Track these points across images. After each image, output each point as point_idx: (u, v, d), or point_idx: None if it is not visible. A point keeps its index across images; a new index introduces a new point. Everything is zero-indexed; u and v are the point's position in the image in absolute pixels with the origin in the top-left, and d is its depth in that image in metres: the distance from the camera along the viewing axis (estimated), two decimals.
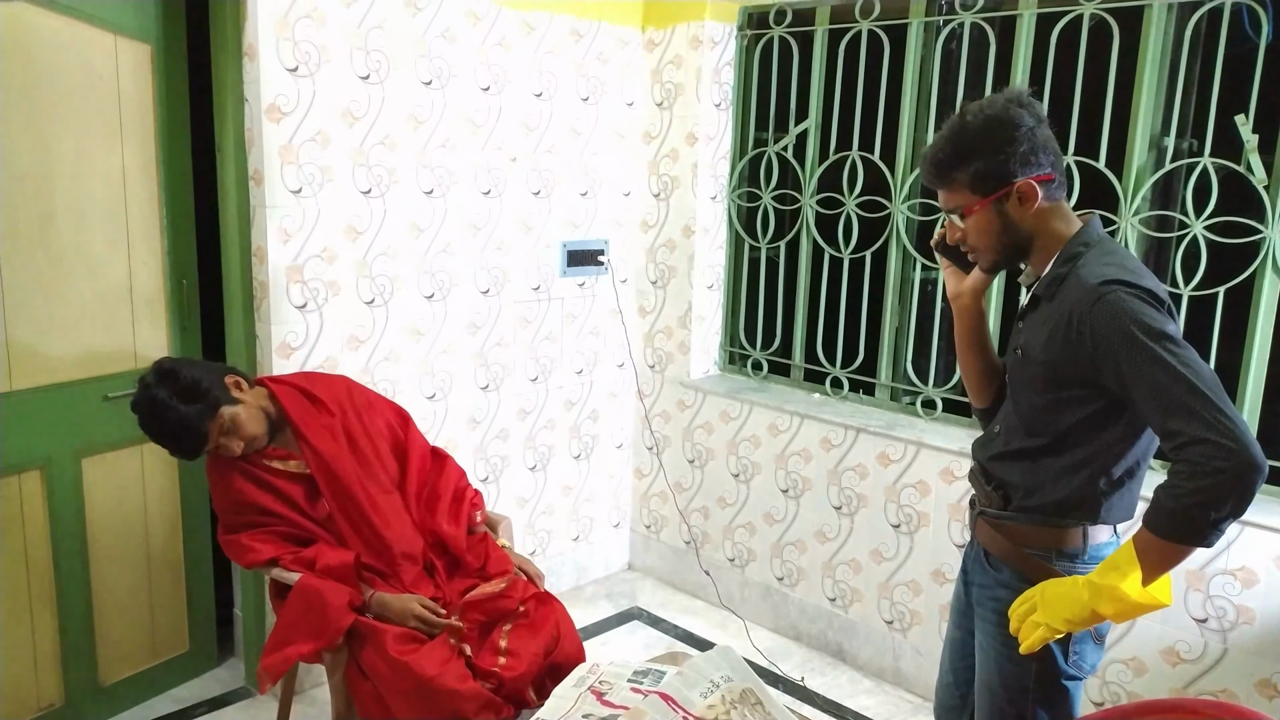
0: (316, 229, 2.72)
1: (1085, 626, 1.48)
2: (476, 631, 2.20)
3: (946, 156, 1.56)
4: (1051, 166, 1.55)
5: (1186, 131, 2.65)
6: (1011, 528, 1.65)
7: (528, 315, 3.34)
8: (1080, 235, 1.57)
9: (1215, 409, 1.34)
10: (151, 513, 2.75)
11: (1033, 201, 1.54)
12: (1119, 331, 1.41)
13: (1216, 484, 1.32)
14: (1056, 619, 1.47)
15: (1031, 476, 1.61)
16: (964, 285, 1.76)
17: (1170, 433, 1.37)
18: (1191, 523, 1.35)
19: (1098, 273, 1.47)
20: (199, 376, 2.13)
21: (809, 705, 2.90)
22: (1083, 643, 1.62)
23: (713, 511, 3.54)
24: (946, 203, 1.62)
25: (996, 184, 1.54)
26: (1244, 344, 2.40)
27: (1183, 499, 1.35)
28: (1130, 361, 1.40)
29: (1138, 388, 1.40)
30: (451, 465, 2.50)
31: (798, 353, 3.40)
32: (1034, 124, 1.53)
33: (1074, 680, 1.65)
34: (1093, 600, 1.44)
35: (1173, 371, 1.36)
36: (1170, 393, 1.36)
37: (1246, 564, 2.30)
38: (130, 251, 2.59)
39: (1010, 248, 1.60)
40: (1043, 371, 1.55)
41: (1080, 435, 1.55)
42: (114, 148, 2.50)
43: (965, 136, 1.54)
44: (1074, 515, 1.58)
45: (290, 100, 2.60)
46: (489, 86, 3.06)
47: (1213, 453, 1.32)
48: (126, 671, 2.74)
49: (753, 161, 3.44)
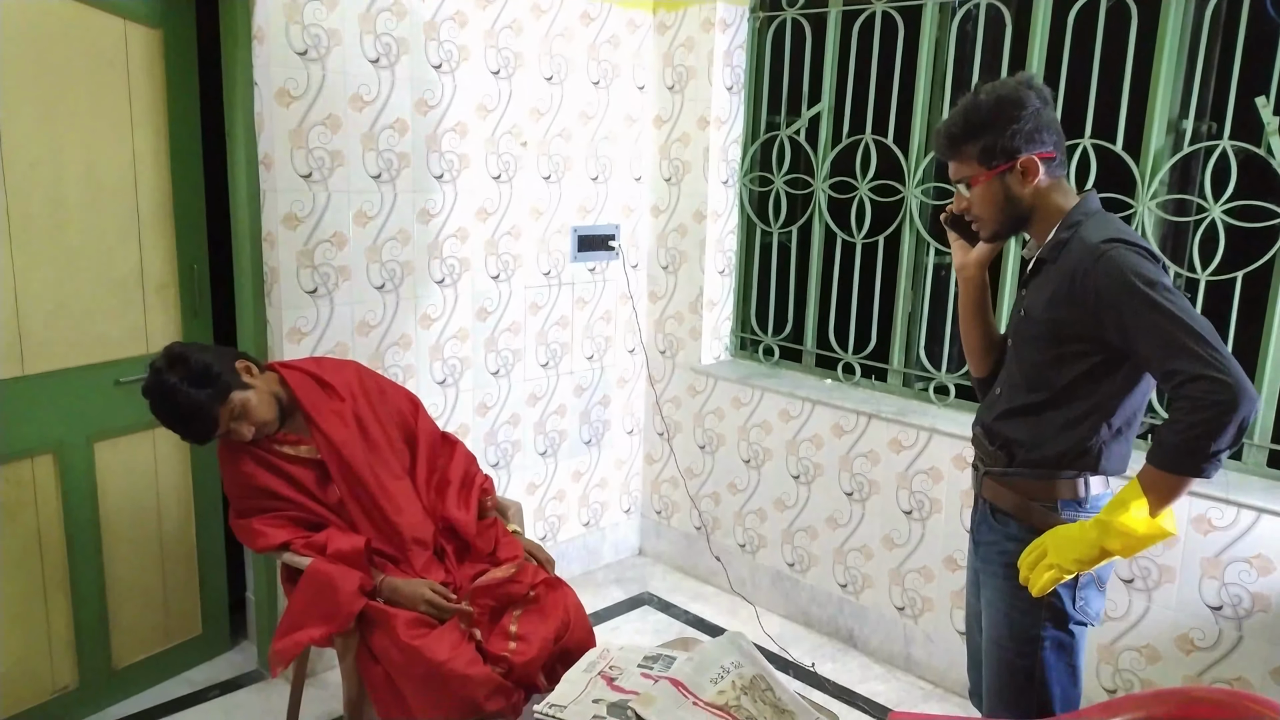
0: (327, 214, 2.71)
1: (1095, 565, 1.58)
2: (487, 616, 2.20)
3: (959, 130, 1.69)
4: (1054, 146, 1.68)
5: (1206, 114, 2.61)
6: (1017, 482, 1.74)
7: (538, 300, 3.33)
8: (1081, 206, 1.70)
9: (1211, 348, 1.46)
10: (164, 497, 2.76)
11: (1034, 176, 1.67)
12: (1121, 283, 1.53)
13: (1216, 416, 1.44)
14: (1067, 559, 1.57)
15: (1035, 431, 1.71)
16: (970, 257, 1.89)
17: (1171, 372, 1.48)
18: (1193, 454, 1.47)
19: (1099, 233, 1.60)
20: (209, 361, 2.13)
21: (819, 691, 2.89)
22: (1087, 588, 1.72)
23: (724, 497, 3.54)
24: (956, 173, 1.74)
25: (1002, 158, 1.67)
26: (1262, 329, 2.37)
27: (1185, 432, 1.47)
28: (1132, 309, 1.52)
29: (1140, 333, 1.52)
30: (461, 450, 2.50)
31: (809, 338, 3.38)
32: (1040, 105, 1.66)
33: (1081, 626, 1.74)
34: (1101, 538, 1.54)
35: (1172, 316, 1.48)
36: (1171, 335, 1.48)
37: (1263, 552, 2.28)
38: (141, 237, 2.59)
39: (1011, 218, 1.73)
40: (1046, 329, 1.67)
41: (1080, 389, 1.66)
42: (124, 134, 2.50)
43: (977, 112, 1.67)
44: (1075, 465, 1.68)
45: (300, 84, 2.59)
46: (499, 70, 3.05)
47: (1211, 387, 1.44)
48: (140, 655, 2.76)
49: (765, 145, 3.41)
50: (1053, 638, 1.72)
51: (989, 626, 1.82)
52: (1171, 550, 2.41)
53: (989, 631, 1.82)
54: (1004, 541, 1.77)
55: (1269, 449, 2.42)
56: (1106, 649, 2.56)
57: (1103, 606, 1.77)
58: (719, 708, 1.74)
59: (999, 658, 1.79)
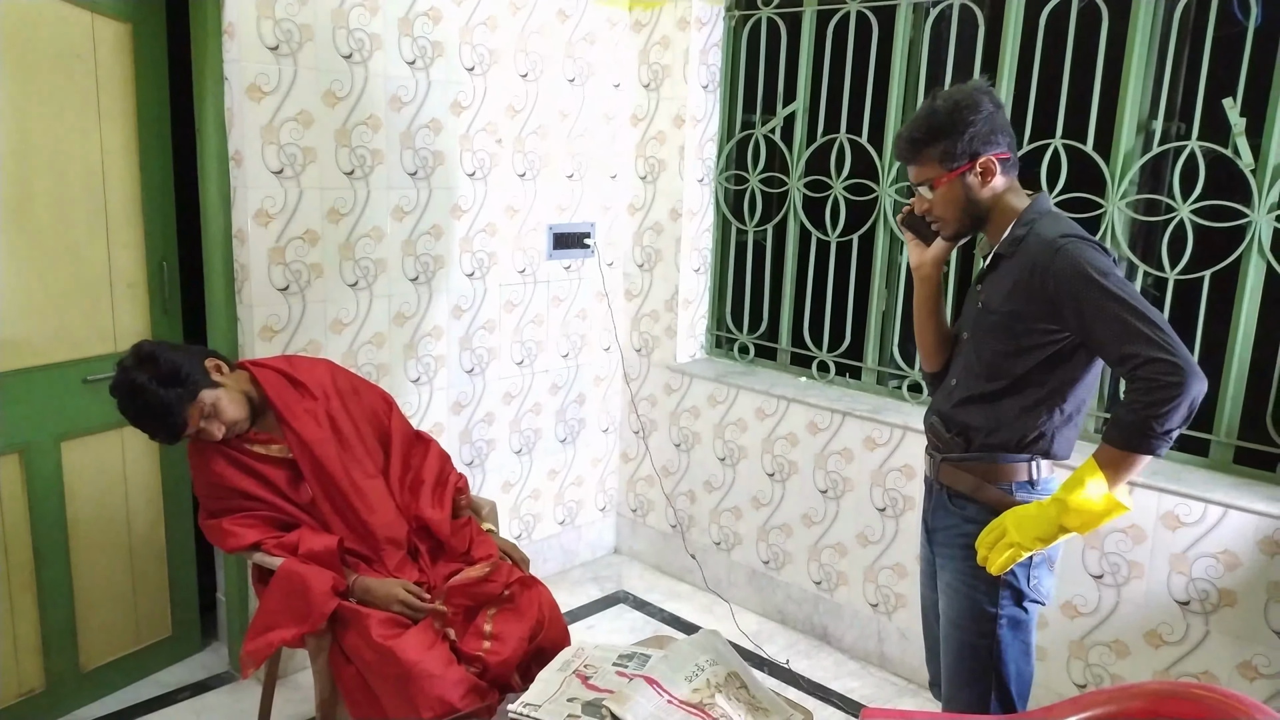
0: (299, 211, 2.68)
1: (1053, 542, 1.66)
2: (461, 616, 2.19)
3: (920, 134, 1.76)
4: (1008, 147, 1.77)
5: (1175, 115, 2.65)
6: (974, 466, 1.82)
7: (514, 298, 3.32)
8: (1034, 206, 1.79)
9: (1164, 334, 1.56)
10: (133, 497, 2.72)
11: (992, 176, 1.76)
12: (1078, 274, 1.62)
13: (1169, 396, 1.53)
14: (1027, 537, 1.65)
15: (993, 417, 1.79)
16: (926, 256, 1.96)
17: (1126, 356, 1.58)
18: (1147, 432, 1.56)
19: (1055, 229, 1.70)
20: (179, 360, 2.11)
21: (794, 688, 2.91)
22: (1039, 568, 1.79)
23: (699, 495, 3.54)
24: (917, 176, 1.81)
25: (963, 159, 1.74)
26: (1229, 328, 2.40)
27: (1141, 411, 1.56)
28: (1090, 299, 1.61)
29: (1097, 320, 1.60)
30: (435, 449, 2.48)
31: (785, 336, 3.39)
32: (994, 109, 1.74)
33: (1035, 604, 1.81)
34: (1060, 515, 1.63)
35: (1126, 304, 1.58)
36: (1126, 321, 1.57)
37: (1230, 547, 2.31)
38: (110, 233, 2.55)
39: (971, 217, 1.80)
40: (1005, 320, 1.74)
41: (1036, 376, 1.74)
42: (92, 128, 2.47)
43: (936, 116, 1.74)
44: (1029, 449, 1.77)
45: (271, 79, 2.56)
46: (474, 67, 3.03)
47: (1165, 370, 1.53)
48: (109, 656, 2.72)
49: (740, 144, 3.42)
50: (1009, 616, 1.79)
51: (946, 609, 1.89)
52: (1141, 546, 2.44)
53: (947, 614, 1.88)
54: (962, 524, 1.84)
55: (1235, 445, 2.45)
56: (1077, 644, 2.59)
57: (1054, 586, 1.85)
58: (694, 705, 1.75)
59: (958, 639, 1.85)
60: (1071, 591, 2.58)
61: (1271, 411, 2.37)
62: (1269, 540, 2.26)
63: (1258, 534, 2.27)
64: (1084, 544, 2.53)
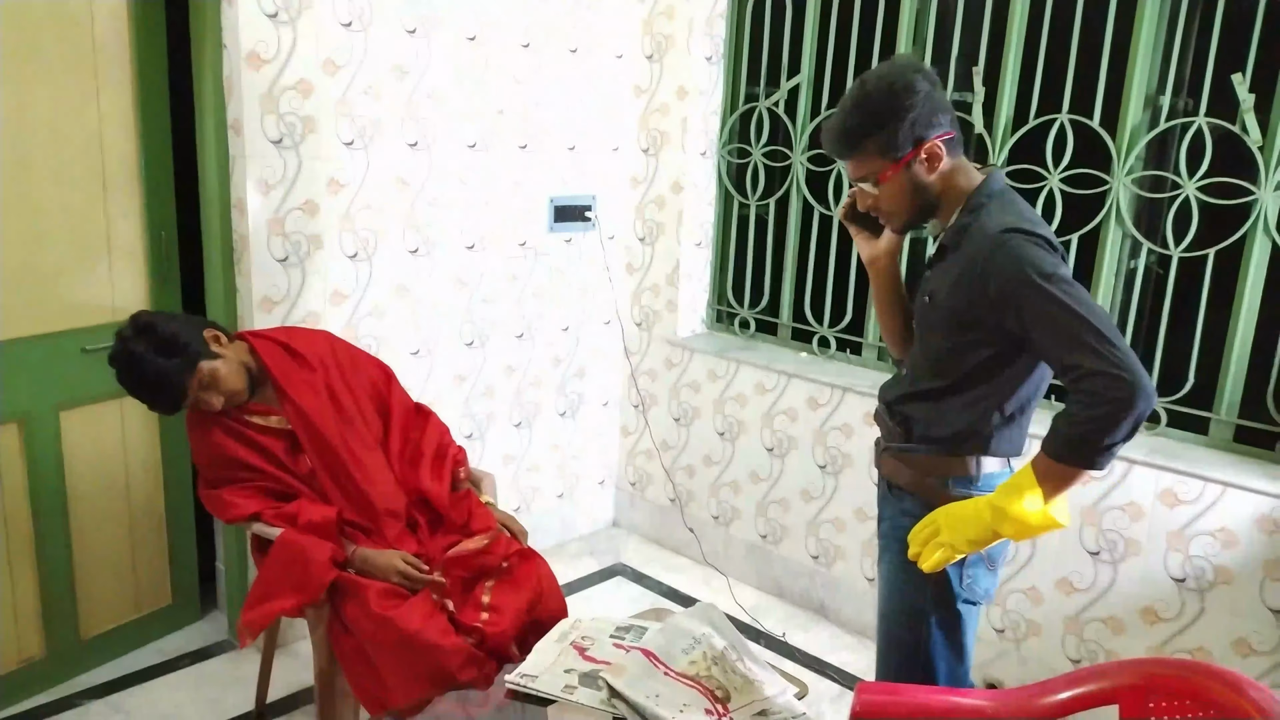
0: (298, 181, 2.67)
1: (986, 546, 1.59)
2: (459, 587, 2.19)
3: (855, 125, 1.62)
4: (950, 125, 1.63)
5: (1183, 90, 2.62)
6: (912, 458, 1.74)
7: (514, 271, 3.30)
8: (983, 187, 1.65)
9: (1110, 344, 1.44)
10: (132, 466, 2.73)
11: (939, 161, 1.62)
12: (1018, 276, 1.50)
13: (1112, 412, 1.42)
14: (959, 539, 1.58)
15: (935, 412, 1.71)
16: (879, 249, 1.84)
17: (1069, 367, 1.47)
18: (1086, 447, 1.46)
19: (998, 221, 1.57)
20: (177, 330, 2.10)
21: (790, 661, 2.92)
22: (975, 567, 1.71)
23: (698, 469, 3.55)
24: (856, 171, 1.67)
25: (906, 147, 1.61)
26: (1232, 306, 2.39)
27: (1080, 425, 1.46)
28: (1031, 303, 1.50)
29: (1039, 327, 1.50)
30: (435, 422, 2.48)
31: (786, 311, 3.38)
32: (929, 87, 1.60)
33: (968, 605, 1.73)
34: (994, 521, 1.54)
35: (1070, 310, 1.46)
36: (1069, 330, 1.46)
37: (1226, 525, 2.32)
38: (108, 202, 2.54)
39: (921, 207, 1.68)
40: (948, 316, 1.64)
41: (981, 374, 1.65)
42: (90, 96, 2.44)
43: (869, 105, 1.60)
44: (968, 445, 1.68)
45: (270, 47, 2.54)
46: (475, 36, 3.00)
47: (1109, 383, 1.42)
48: (108, 625, 2.74)
49: (744, 117, 3.39)
50: (940, 615, 1.72)
51: (880, 600, 1.84)
52: (1138, 523, 2.45)
53: (880, 605, 1.84)
54: (899, 516, 1.78)
55: (1235, 424, 2.45)
56: (1072, 620, 2.60)
57: (994, 585, 1.77)
58: (690, 678, 1.76)
59: (886, 631, 1.82)
60: (1068, 568, 2.58)
61: (1273, 390, 2.36)
62: (1267, 519, 2.26)
63: (1256, 512, 2.28)
64: (1081, 521, 2.54)
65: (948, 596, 1.71)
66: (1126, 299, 2.66)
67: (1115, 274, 2.61)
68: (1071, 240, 2.61)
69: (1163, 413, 2.54)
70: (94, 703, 2.58)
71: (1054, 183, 2.61)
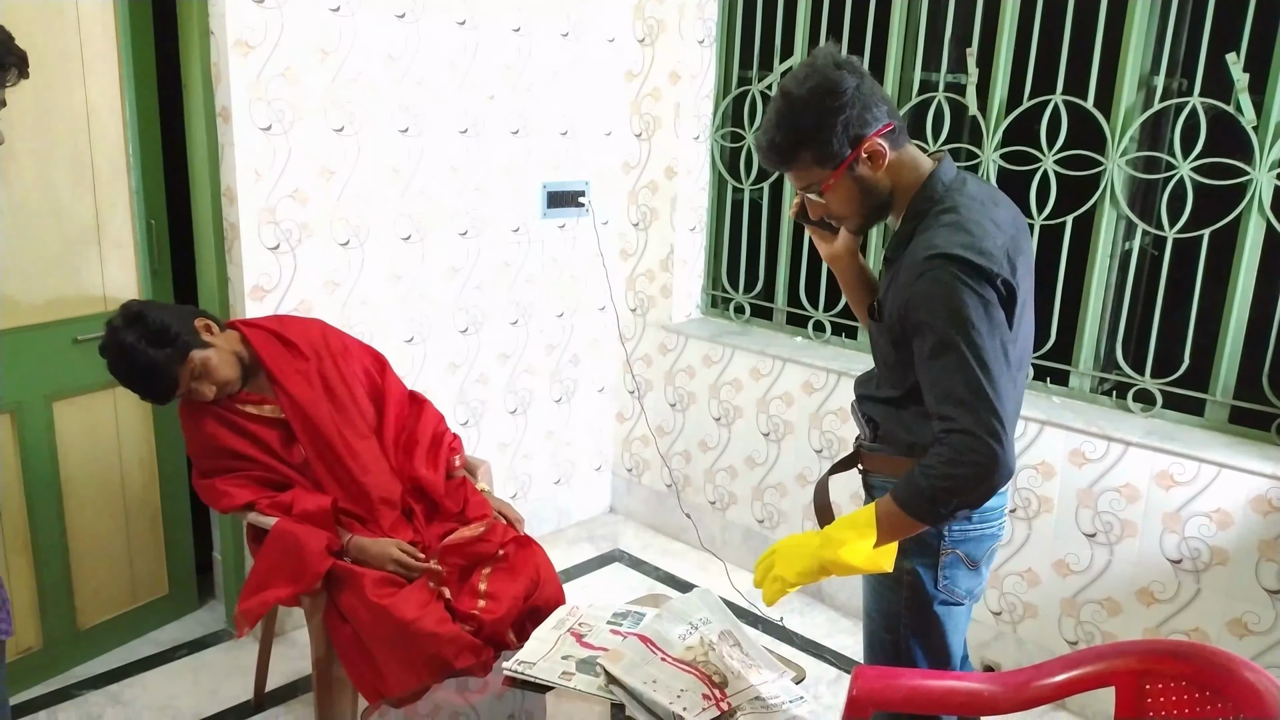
0: (288, 168, 2.65)
1: (816, 579, 1.54)
2: (456, 575, 2.19)
3: (783, 139, 1.52)
4: (888, 115, 1.53)
5: (1177, 70, 2.61)
6: (879, 458, 1.71)
7: (507, 258, 3.29)
8: (925, 189, 1.56)
9: (991, 411, 1.40)
10: (126, 456, 2.72)
11: (883, 158, 1.53)
12: (928, 311, 1.45)
13: (968, 475, 1.41)
14: (790, 571, 1.55)
15: (893, 419, 1.67)
16: (837, 248, 1.76)
17: (942, 416, 1.44)
18: (933, 503, 1.45)
19: (930, 241, 1.48)
20: (168, 320, 2.09)
21: (788, 645, 2.93)
22: (953, 568, 1.65)
23: (694, 455, 3.55)
24: (799, 182, 1.59)
25: (844, 152, 1.51)
26: (1227, 287, 2.39)
27: (934, 480, 1.43)
28: (930, 342, 1.45)
29: (929, 368, 1.46)
30: (429, 410, 2.47)
31: (780, 296, 3.37)
32: (857, 82, 1.49)
33: (947, 605, 1.68)
34: (822, 551, 1.52)
35: (964, 363, 1.41)
36: (952, 382, 1.42)
37: (1222, 506, 2.32)
38: (97, 191, 2.51)
39: (874, 207, 1.59)
40: (890, 334, 1.59)
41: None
42: (76, 83, 2.42)
43: (796, 114, 1.50)
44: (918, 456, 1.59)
45: (258, 33, 2.51)
46: (465, 21, 2.97)
47: (975, 445, 1.40)
48: (105, 615, 2.73)
49: (736, 100, 3.37)
50: (915, 618, 1.69)
51: (863, 597, 1.82)
52: (1134, 505, 2.45)
53: (864, 601, 1.82)
54: None
55: (1230, 405, 2.45)
56: (1069, 602, 2.61)
57: (978, 584, 1.70)
58: (687, 663, 1.76)
59: (869, 629, 1.80)
60: (1064, 550, 2.59)
61: (1268, 371, 2.36)
62: (1262, 499, 2.26)
63: (1251, 493, 2.28)
64: (1077, 503, 2.54)
65: (922, 600, 1.67)
66: (1121, 280, 2.65)
67: (1110, 255, 2.61)
68: (1066, 222, 2.60)
69: (1158, 394, 2.54)
70: (92, 693, 2.57)
71: (1048, 164, 2.60)
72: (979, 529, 1.64)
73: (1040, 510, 2.62)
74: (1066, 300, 2.65)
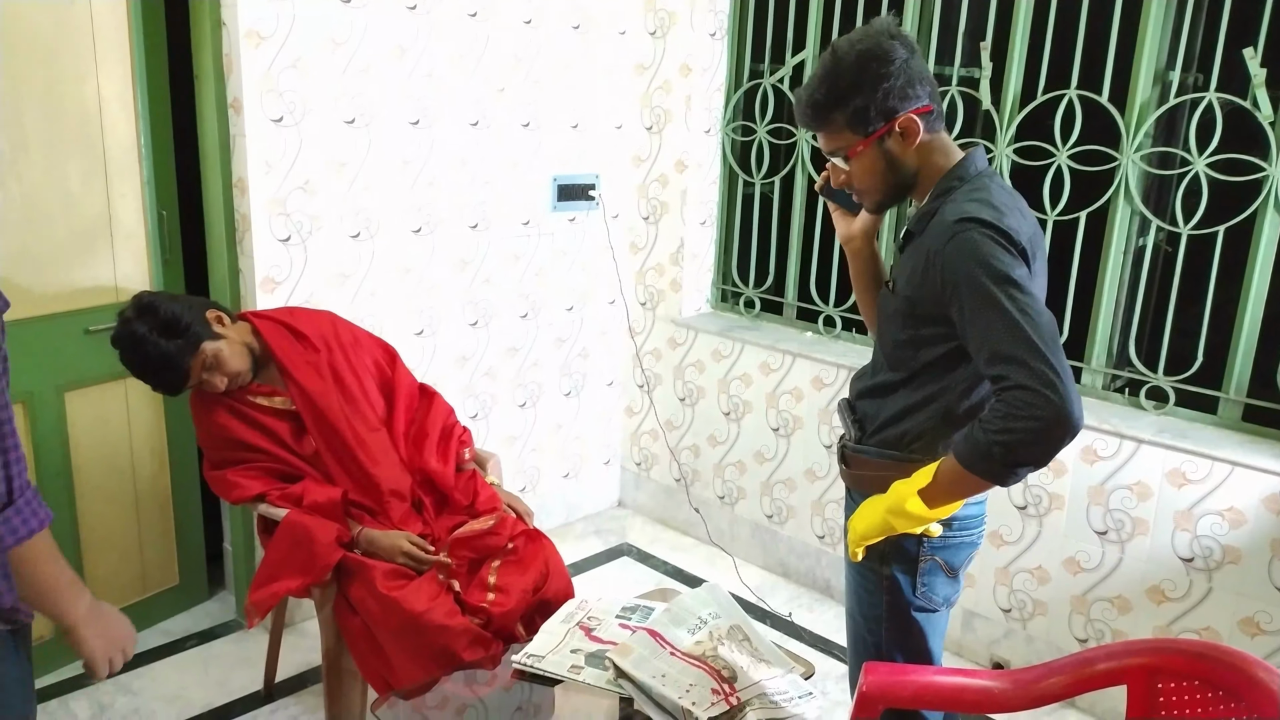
0: (299, 160, 2.65)
1: (882, 533, 1.53)
2: (465, 568, 2.20)
3: (823, 97, 1.52)
4: (929, 98, 1.52)
5: (1193, 65, 2.59)
6: (864, 460, 1.67)
7: (517, 251, 3.28)
8: (957, 169, 1.55)
9: (1044, 360, 1.34)
10: (137, 447, 2.73)
11: (915, 136, 1.52)
12: (964, 271, 1.42)
13: (1029, 429, 1.34)
14: (861, 525, 1.55)
15: (888, 409, 1.63)
16: (854, 228, 1.76)
17: (996, 376, 1.39)
18: (993, 459, 1.38)
19: (960, 210, 1.46)
20: (179, 311, 2.09)
21: (797, 640, 2.93)
22: (931, 575, 1.64)
23: (703, 449, 3.54)
24: (827, 145, 1.58)
25: (878, 121, 1.51)
26: (1242, 284, 2.37)
27: (993, 435, 1.37)
28: (970, 301, 1.42)
29: (973, 328, 1.42)
30: (439, 402, 2.48)
31: (791, 291, 3.36)
32: (907, 55, 1.49)
33: (925, 612, 1.67)
34: (886, 504, 1.51)
35: (1009, 318, 1.37)
36: (1002, 339, 1.38)
37: (1235, 504, 2.31)
38: (109, 183, 2.52)
39: (896, 186, 1.59)
40: (905, 306, 1.57)
41: (933, 371, 1.57)
42: (88, 75, 2.42)
43: (840, 75, 1.50)
44: (915, 447, 1.60)
45: (269, 25, 2.51)
46: (476, 13, 2.97)
47: (1033, 400, 1.33)
48: (116, 605, 2.71)
49: (748, 94, 3.36)
50: (894, 623, 1.68)
51: (846, 597, 1.81)
52: (1146, 503, 2.44)
53: (846, 602, 1.81)
54: None
55: (1244, 403, 2.43)
56: (1079, 599, 2.60)
57: (955, 591, 1.69)
58: (696, 658, 1.76)
59: (853, 630, 1.79)
60: (1075, 547, 2.58)
61: None
62: (1275, 498, 2.25)
63: (1264, 492, 2.26)
64: (1088, 500, 2.53)
65: (900, 605, 1.66)
66: (1135, 277, 2.64)
67: (1124, 252, 2.59)
68: (1080, 218, 2.58)
69: (1171, 392, 2.52)
70: (102, 682, 2.59)
71: (1062, 159, 2.58)
72: (959, 537, 1.62)
73: (1051, 508, 2.61)
74: (1079, 297, 2.63)
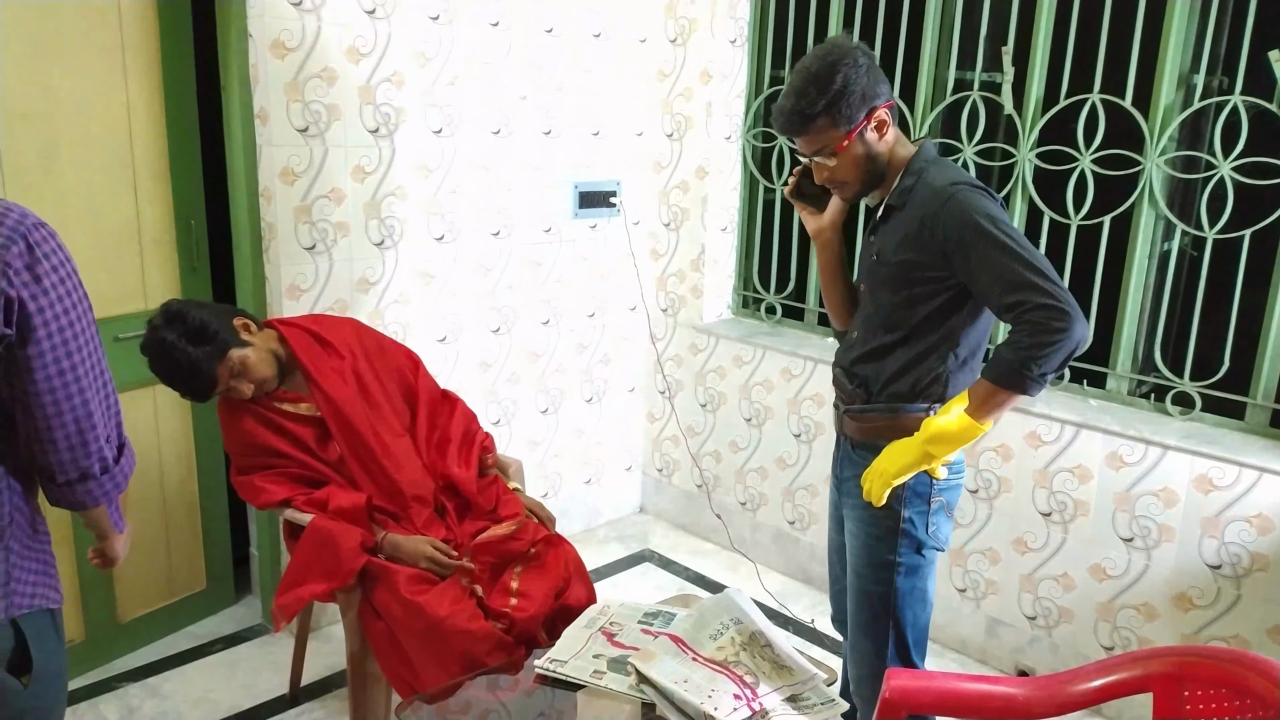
0: (324, 169, 2.68)
1: (917, 468, 1.69)
2: (488, 573, 2.21)
3: (807, 104, 1.70)
4: (888, 95, 1.75)
5: (1217, 68, 2.56)
6: (874, 418, 1.84)
7: (538, 258, 3.30)
8: (920, 155, 1.79)
9: (1051, 282, 1.58)
10: (165, 453, 2.76)
11: (887, 128, 1.75)
12: (967, 223, 1.64)
13: (1053, 341, 1.56)
14: (894, 464, 1.70)
15: (890, 367, 1.81)
16: (824, 221, 1.95)
17: (1014, 304, 1.59)
18: (1024, 372, 1.58)
19: (944, 177, 1.71)
20: (207, 319, 2.12)
21: (818, 647, 2.92)
22: (938, 514, 1.83)
23: (724, 455, 3.54)
24: (811, 146, 1.76)
25: (858, 116, 1.71)
26: (1268, 288, 2.35)
27: (1022, 351, 1.58)
28: (978, 248, 1.63)
29: (986, 269, 1.63)
30: (462, 408, 2.49)
31: (812, 297, 3.36)
32: (868, 61, 1.71)
33: (933, 551, 1.86)
34: (923, 439, 1.67)
35: (1016, 254, 1.60)
36: (1015, 271, 1.59)
37: (1264, 511, 2.28)
38: (137, 191, 2.56)
39: (871, 174, 1.78)
40: (898, 270, 1.76)
41: (930, 324, 1.77)
42: (117, 84, 2.46)
43: (818, 80, 1.69)
44: (925, 397, 1.79)
45: (295, 36, 2.54)
46: (498, 22, 2.99)
47: (1052, 315, 1.56)
48: (145, 608, 2.78)
49: (768, 100, 3.36)
50: (907, 563, 1.83)
51: (850, 558, 1.93)
52: (1172, 509, 2.42)
53: (850, 563, 1.93)
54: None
55: (1272, 409, 2.41)
56: (1105, 606, 2.57)
57: (950, 533, 1.88)
58: (718, 663, 1.76)
59: (859, 587, 1.90)
60: (1100, 555, 2.56)
61: None
62: None
63: None
64: (1114, 508, 2.51)
65: (914, 544, 1.83)
66: (1160, 281, 2.61)
67: (1149, 256, 2.57)
68: (1104, 222, 2.57)
69: (1197, 397, 2.50)
70: (131, 685, 2.62)
71: (1085, 164, 2.57)
72: (955, 480, 1.83)
73: (1076, 514, 2.59)
74: (1104, 302, 2.61)
